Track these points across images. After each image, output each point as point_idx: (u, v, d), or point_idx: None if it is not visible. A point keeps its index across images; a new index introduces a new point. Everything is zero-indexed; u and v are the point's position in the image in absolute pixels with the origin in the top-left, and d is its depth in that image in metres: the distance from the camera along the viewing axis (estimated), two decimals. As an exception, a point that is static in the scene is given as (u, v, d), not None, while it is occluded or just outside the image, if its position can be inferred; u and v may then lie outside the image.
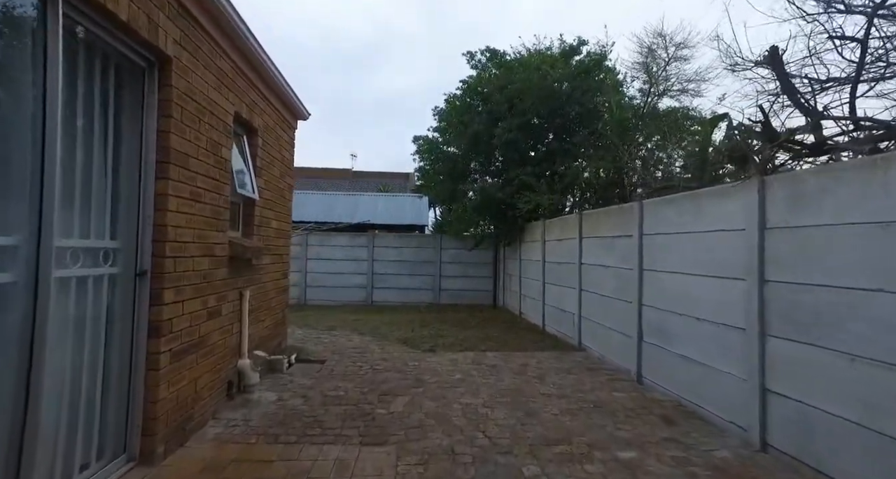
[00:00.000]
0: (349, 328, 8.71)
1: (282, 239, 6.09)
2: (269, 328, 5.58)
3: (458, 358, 6.37)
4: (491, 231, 11.93)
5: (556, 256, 8.37)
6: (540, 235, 9.27)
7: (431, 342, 7.45)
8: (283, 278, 6.24)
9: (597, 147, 9.50)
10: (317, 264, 13.62)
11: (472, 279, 13.48)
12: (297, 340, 7.46)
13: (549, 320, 8.67)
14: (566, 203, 10.31)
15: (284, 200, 6.17)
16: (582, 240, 7.12)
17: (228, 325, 4.24)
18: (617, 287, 5.81)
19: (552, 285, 8.56)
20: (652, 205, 5.08)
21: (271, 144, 5.52)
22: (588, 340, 6.80)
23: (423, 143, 12.38)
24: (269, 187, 5.45)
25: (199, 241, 3.56)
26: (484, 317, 10.84)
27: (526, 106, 9.80)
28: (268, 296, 5.52)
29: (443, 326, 9.35)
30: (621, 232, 5.76)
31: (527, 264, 10.36)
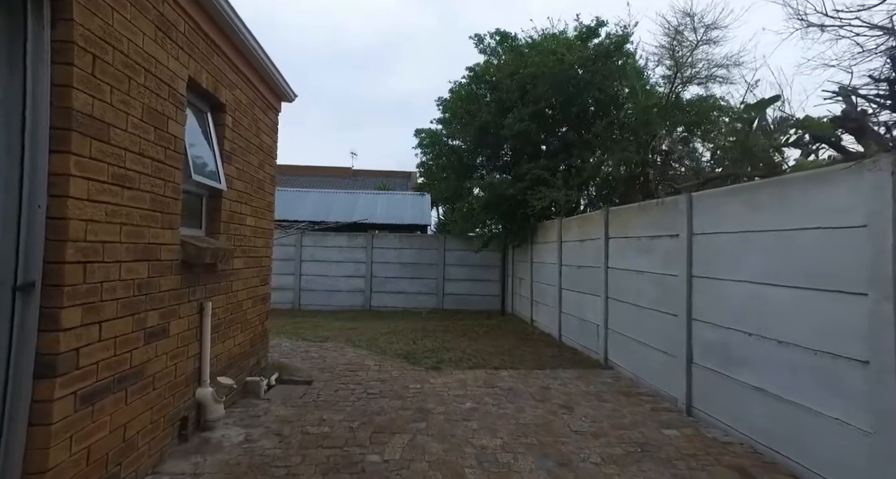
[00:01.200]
0: (343, 339, 7.82)
1: (261, 239, 5.20)
2: (243, 345, 4.69)
3: (466, 378, 5.47)
4: (499, 231, 11.03)
5: (576, 258, 7.46)
6: (555, 235, 8.36)
7: (435, 357, 6.55)
8: (263, 285, 5.35)
9: (617, 139, 8.60)
10: (311, 267, 12.75)
11: (478, 283, 12.58)
12: (283, 354, 6.57)
13: (567, 330, 7.76)
14: (581, 201, 9.42)
15: (264, 193, 5.29)
16: (608, 241, 6.21)
17: (181, 347, 3.36)
18: (656, 297, 4.90)
19: (570, 291, 7.65)
20: (707, 198, 4.17)
21: (246, 127, 4.64)
22: (617, 356, 5.89)
23: (426, 136, 11.51)
24: (242, 177, 4.57)
25: (132, 240, 2.68)
26: (492, 325, 9.94)
27: (539, 93, 8.90)
28: (241, 307, 4.63)
29: (447, 336, 8.45)
30: (661, 231, 4.86)
31: (539, 268, 9.45)
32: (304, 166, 27.41)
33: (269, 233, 5.51)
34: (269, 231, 5.54)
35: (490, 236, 11.06)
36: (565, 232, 8.00)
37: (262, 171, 5.20)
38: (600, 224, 6.42)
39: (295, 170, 26.75)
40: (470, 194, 11.81)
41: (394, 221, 14.60)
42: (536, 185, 8.75)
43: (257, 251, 5.09)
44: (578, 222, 7.41)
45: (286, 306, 12.52)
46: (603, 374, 5.74)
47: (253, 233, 4.92)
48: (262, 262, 5.32)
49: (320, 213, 14.86)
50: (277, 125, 5.71)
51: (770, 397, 3.24)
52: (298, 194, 16.60)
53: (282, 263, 12.64)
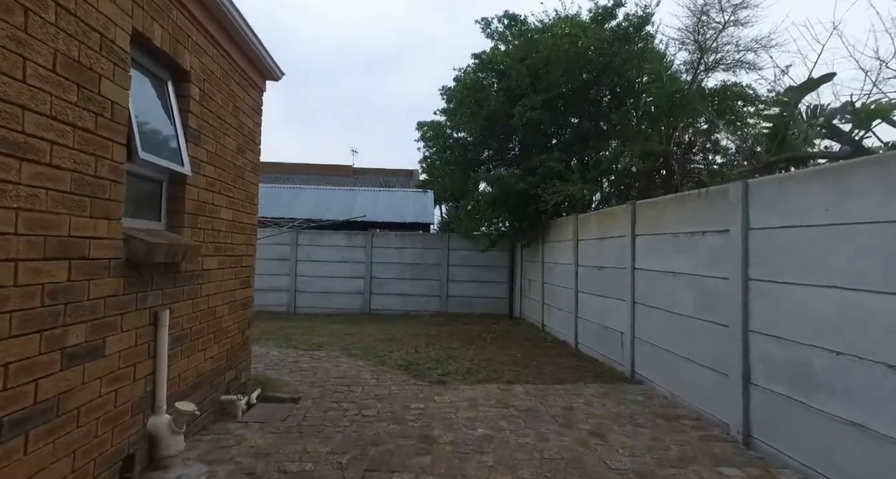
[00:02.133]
0: (339, 347, 7.13)
1: (241, 235, 4.52)
2: (216, 359, 4.01)
3: (477, 395, 4.78)
4: (507, 230, 10.32)
5: (595, 258, 6.76)
6: (571, 233, 7.66)
7: (440, 369, 5.86)
8: (244, 288, 4.67)
9: (637, 128, 7.90)
10: (308, 267, 12.07)
11: (484, 285, 11.88)
12: (270, 365, 5.88)
13: (585, 338, 7.06)
14: (595, 196, 8.72)
15: (245, 183, 4.61)
16: (635, 238, 5.51)
17: (125, 368, 2.67)
18: (699, 303, 4.20)
19: (588, 294, 6.95)
20: (770, 185, 3.46)
21: (220, 103, 3.96)
22: (647, 369, 5.18)
23: (429, 129, 10.81)
24: (215, 162, 3.89)
25: (37, 233, 2.00)
26: (500, 330, 9.24)
27: (552, 79, 8.20)
28: (215, 314, 3.95)
29: (453, 342, 7.75)
30: (704, 226, 4.15)
31: (552, 268, 8.75)
32: (304, 164, 26.79)
33: (250, 229, 4.82)
34: (252, 227, 4.85)
35: (498, 235, 10.36)
36: (582, 229, 7.30)
37: (242, 157, 4.52)
38: (625, 220, 5.72)
39: (294, 168, 26.13)
40: (476, 190, 11.12)
41: (395, 220, 13.92)
42: (549, 178, 8.06)
43: (235, 249, 4.41)
44: (599, 219, 6.70)
45: (281, 309, 11.86)
46: (631, 390, 5.03)
47: (230, 228, 4.24)
48: (243, 261, 4.63)
49: (318, 211, 14.19)
50: (261, 106, 5.03)
51: (875, 437, 2.53)
52: (295, 191, 15.95)
53: (276, 263, 12.00)
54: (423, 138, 10.90)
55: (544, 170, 8.24)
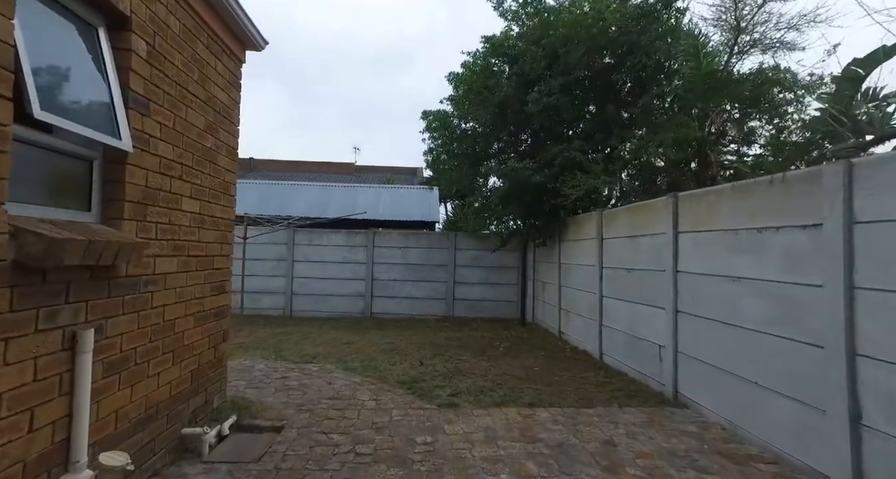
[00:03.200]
0: (334, 359, 6.35)
1: (211, 232, 3.75)
2: (177, 384, 3.24)
3: (495, 424, 3.99)
4: (519, 228, 9.53)
5: (624, 259, 5.96)
6: (594, 230, 6.86)
7: (449, 387, 5.07)
8: (217, 295, 3.89)
9: (669, 114, 7.09)
10: (305, 268, 11.32)
11: (493, 287, 11.09)
12: (253, 382, 5.11)
13: (612, 348, 6.25)
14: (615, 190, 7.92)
15: (218, 169, 3.84)
16: (678, 236, 4.70)
17: (11, 417, 1.90)
18: (772, 315, 3.39)
19: (616, 299, 6.15)
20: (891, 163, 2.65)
21: (181, 67, 3.19)
22: (696, 391, 4.37)
23: (434, 118, 10.03)
24: (175, 140, 3.12)
25: None
26: (513, 338, 8.45)
27: (572, 61, 7.40)
28: (173, 329, 3.18)
29: (462, 352, 6.97)
30: (781, 220, 3.35)
31: (570, 270, 7.95)
32: (304, 162, 26.11)
33: (226, 224, 4.05)
34: (227, 222, 4.08)
35: (510, 233, 9.56)
36: (608, 227, 6.50)
37: (214, 137, 3.75)
38: (665, 215, 4.91)
39: (294, 166, 25.44)
40: (485, 185, 10.34)
41: (398, 218, 13.16)
42: (568, 171, 7.26)
43: (205, 249, 3.64)
44: (630, 214, 5.89)
45: (276, 312, 11.12)
46: (678, 416, 4.23)
47: (196, 222, 3.47)
48: (215, 263, 3.86)
49: (316, 208, 13.44)
50: (239, 80, 4.26)
51: None
52: (291, 188, 15.23)
53: (272, 263, 11.27)
54: (428, 129, 10.12)
55: (563, 161, 7.44)
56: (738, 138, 7.39)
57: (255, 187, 15.24)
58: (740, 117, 7.10)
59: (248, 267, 11.03)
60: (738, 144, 7.46)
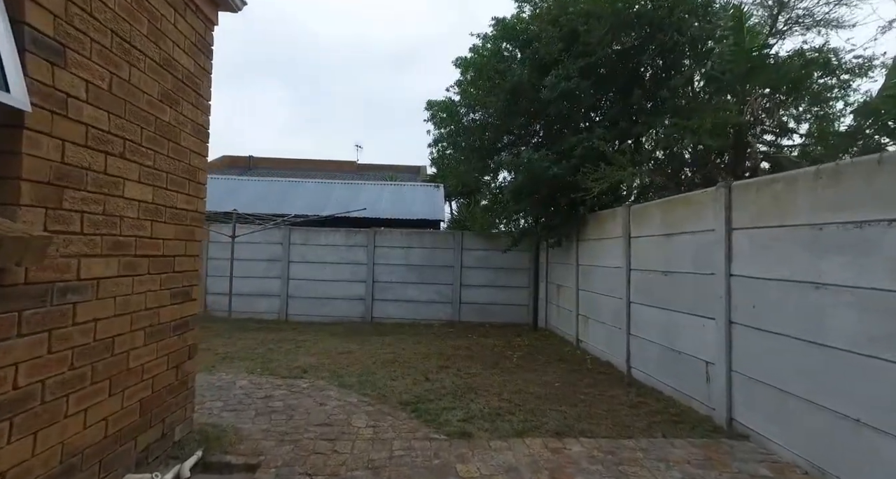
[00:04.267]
0: (328, 372, 5.64)
1: (170, 227, 3.04)
2: (115, 421, 2.53)
3: (517, 462, 3.26)
4: (532, 226, 8.79)
5: (658, 260, 5.22)
6: (619, 228, 6.13)
7: (460, 409, 4.35)
8: (179, 303, 3.18)
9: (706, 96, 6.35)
10: (302, 269, 10.63)
11: (502, 290, 10.36)
12: (231, 404, 4.39)
13: (642, 361, 5.52)
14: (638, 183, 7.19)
15: (180, 150, 3.13)
16: (731, 233, 3.97)
17: None
18: (880, 333, 2.65)
19: (647, 306, 5.42)
20: None
21: (123, 15, 2.48)
22: (758, 419, 3.63)
23: (439, 108, 9.31)
24: (112, 106, 2.41)
25: None
26: (526, 346, 7.72)
27: (594, 39, 6.68)
28: (111, 350, 2.47)
29: (471, 364, 6.24)
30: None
31: (590, 272, 7.22)
32: (304, 160, 25.47)
33: (192, 218, 3.34)
34: (194, 215, 3.37)
35: (521, 232, 8.83)
36: (637, 224, 5.76)
37: (174, 110, 3.04)
38: (713, 209, 4.18)
39: (293, 164, 24.81)
40: (494, 180, 9.63)
41: (401, 216, 12.43)
42: (590, 162, 6.54)
43: (160, 247, 2.93)
44: (665, 209, 5.16)
45: (271, 316, 10.43)
46: (739, 451, 3.49)
47: (148, 214, 2.77)
48: (177, 265, 3.15)
49: (316, 206, 12.75)
50: (210, 46, 3.55)
51: None
52: (289, 185, 14.55)
53: (266, 264, 10.60)
54: (432, 119, 9.41)
55: (583, 152, 6.72)
56: (777, 127, 6.66)
57: (251, 185, 14.57)
58: (780, 103, 6.36)
59: (238, 268, 10.36)
60: (777, 133, 6.73)
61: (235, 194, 13.46)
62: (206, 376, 5.19)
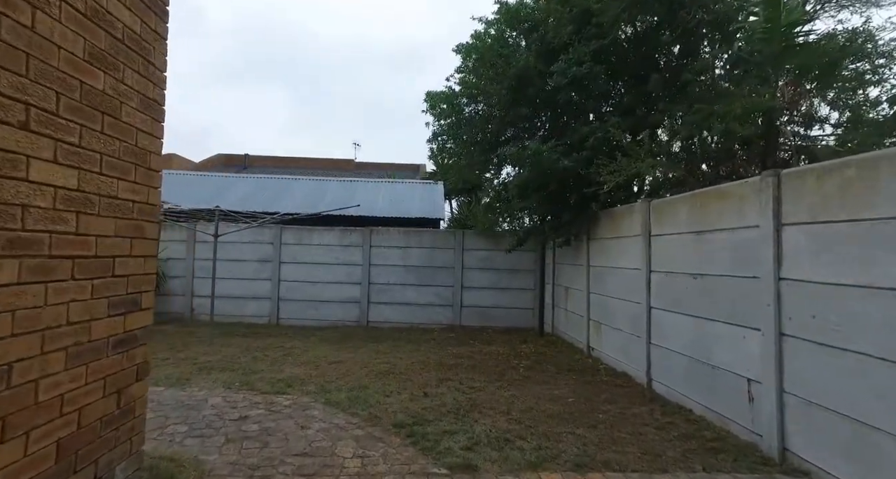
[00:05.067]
0: (316, 386, 5.05)
1: (108, 221, 2.46)
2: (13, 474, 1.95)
3: (535, 508, 2.68)
4: (538, 224, 8.21)
5: (686, 261, 4.64)
6: (638, 225, 5.55)
7: (463, 432, 3.77)
8: (121, 315, 2.60)
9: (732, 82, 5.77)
10: (294, 270, 10.05)
11: (505, 293, 9.78)
12: (198, 428, 3.80)
13: (666, 374, 4.94)
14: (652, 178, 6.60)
15: (121, 127, 2.55)
16: (781, 230, 3.39)
17: None
18: None
19: (672, 312, 4.84)
20: None
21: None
22: (824, 453, 3.04)
23: (439, 99, 8.73)
24: (6, 60, 1.83)
25: None
26: (533, 354, 7.14)
27: (608, 20, 6.10)
28: (7, 382, 1.89)
29: (474, 375, 5.66)
30: None
31: (603, 274, 6.64)
32: (300, 158, 24.94)
33: (140, 211, 2.75)
34: (143, 208, 2.78)
35: (527, 231, 8.25)
36: (659, 221, 5.19)
37: (112, 78, 2.46)
38: (757, 202, 3.60)
39: (289, 162, 24.26)
40: (497, 176, 9.05)
41: (399, 215, 11.84)
42: (603, 153, 5.97)
43: (91, 246, 2.35)
44: (695, 204, 4.57)
45: (261, 320, 9.85)
46: (798, 490, 2.91)
47: (68, 203, 2.18)
48: (118, 267, 2.57)
49: (309, 204, 12.16)
50: (165, 6, 2.96)
51: None
52: (283, 183, 13.98)
53: (257, 265, 10.02)
54: (431, 112, 8.83)
55: (595, 142, 6.14)
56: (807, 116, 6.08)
57: (242, 182, 13.99)
58: (813, 89, 5.79)
59: (226, 269, 9.79)
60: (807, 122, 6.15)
61: (225, 192, 12.88)
62: (175, 393, 4.61)
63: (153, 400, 4.26)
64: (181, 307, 10.02)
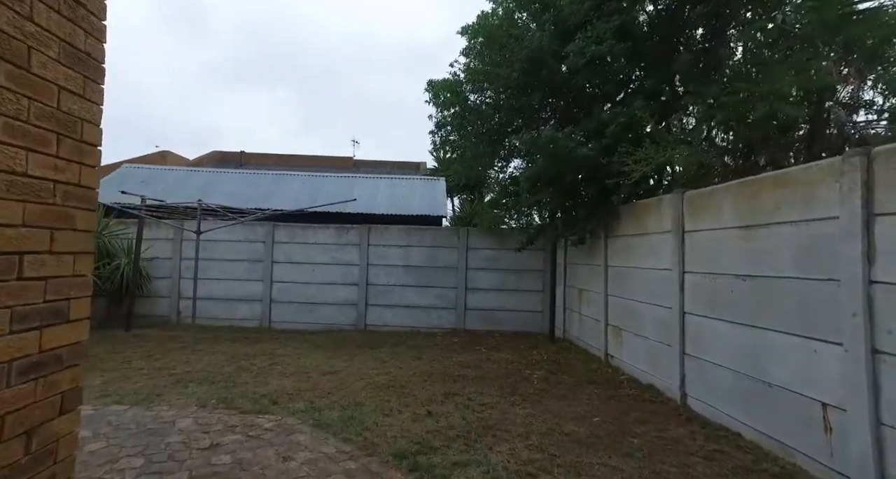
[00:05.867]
0: (305, 403, 4.41)
1: (16, 205, 1.82)
2: None
3: None
4: (549, 221, 7.57)
5: (731, 261, 4.00)
6: (669, 221, 4.92)
7: (476, 463, 3.13)
8: (23, 331, 1.96)
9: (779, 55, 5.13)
10: (287, 270, 9.43)
11: (513, 295, 9.15)
12: (156, 461, 3.15)
13: (704, 390, 4.30)
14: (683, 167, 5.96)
15: (31, 81, 1.91)
16: (872, 223, 2.75)
17: None
18: None
19: (714, 319, 4.20)
20: None
21: None
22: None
23: (442, 87, 8.10)
24: None
25: None
26: (546, 362, 6.50)
27: (632, -9, 5.47)
28: None
29: (484, 388, 5.03)
30: None
31: (625, 275, 6.01)
32: (298, 156, 24.33)
33: (64, 195, 2.11)
34: (72, 191, 2.14)
35: (539, 228, 7.62)
36: (695, 214, 4.55)
37: (18, 15, 1.82)
38: (837, 188, 2.97)
39: (285, 160, 23.63)
40: (504, 170, 8.43)
41: (399, 212, 11.22)
42: (627, 141, 5.34)
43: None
44: (741, 193, 3.93)
45: (252, 324, 9.23)
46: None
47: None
48: (25, 268, 1.93)
49: (304, 201, 11.52)
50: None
51: None
52: (276, 179, 13.36)
53: (247, 265, 9.41)
54: (434, 102, 8.19)
55: (618, 129, 5.51)
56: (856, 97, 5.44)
57: (233, 178, 13.36)
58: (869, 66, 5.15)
59: (210, 269, 9.18)
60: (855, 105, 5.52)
61: (214, 188, 12.26)
62: (139, 413, 3.97)
63: (110, 424, 3.63)
64: (167, 310, 9.39)
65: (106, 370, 5.44)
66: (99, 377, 5.08)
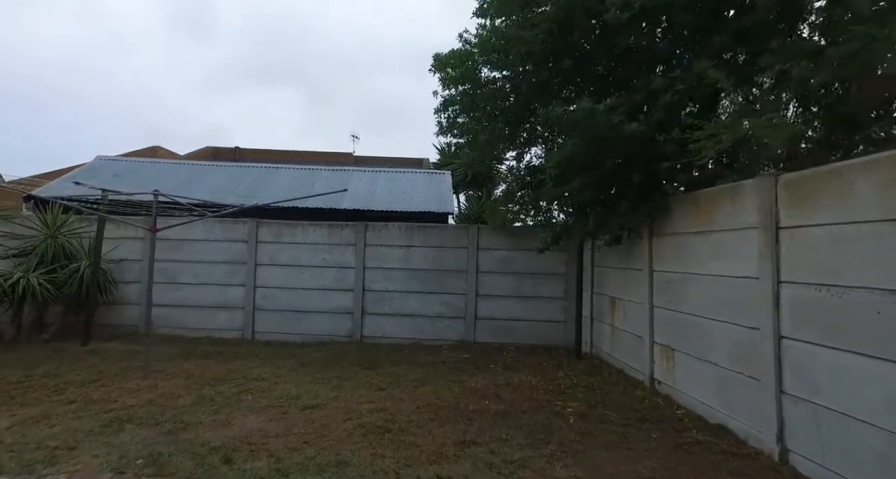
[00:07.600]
0: (270, 457, 3.22)
1: None
2: None
3: None
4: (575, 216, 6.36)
5: (869, 270, 2.79)
6: (751, 214, 3.72)
7: None
8: None
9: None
10: (272, 274, 8.28)
11: (529, 303, 7.96)
12: None
13: (821, 449, 3.09)
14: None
15: None
16: None
17: None
18: None
19: (832, 349, 2.99)
20: None
21: None
22: None
23: (451, 57, 6.90)
24: None
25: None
26: (576, 387, 5.31)
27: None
28: None
29: (509, 433, 3.82)
30: None
31: (678, 282, 4.81)
32: (295, 151, 23.20)
33: None
34: None
35: (565, 225, 6.43)
36: (800, 205, 3.34)
37: None
38: None
39: (283, 156, 22.49)
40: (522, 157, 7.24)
41: (400, 209, 10.04)
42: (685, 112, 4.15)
43: None
44: (890, 171, 2.73)
45: (233, 335, 8.09)
46: None
47: None
48: None
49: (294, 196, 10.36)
50: None
51: None
52: (266, 172, 12.22)
53: (227, 268, 8.27)
54: (440, 74, 6.99)
55: (676, 97, 4.31)
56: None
57: (218, 171, 12.21)
58: None
59: (186, 272, 8.06)
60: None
61: (199, 182, 11.11)
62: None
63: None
64: (136, 319, 8.23)
65: (26, 404, 4.28)
66: (9, 418, 3.91)
